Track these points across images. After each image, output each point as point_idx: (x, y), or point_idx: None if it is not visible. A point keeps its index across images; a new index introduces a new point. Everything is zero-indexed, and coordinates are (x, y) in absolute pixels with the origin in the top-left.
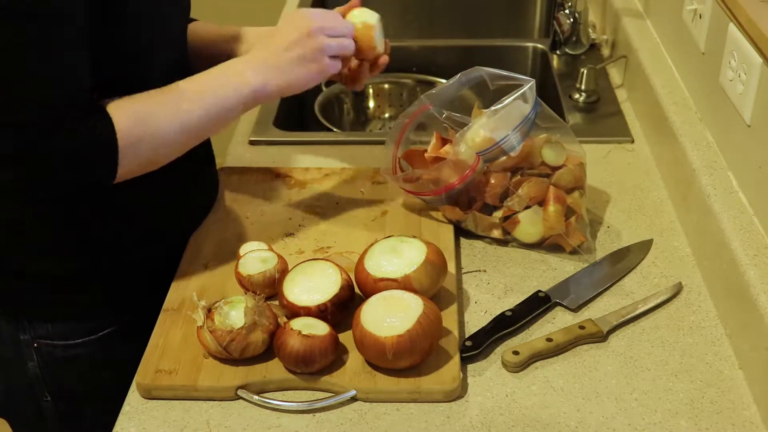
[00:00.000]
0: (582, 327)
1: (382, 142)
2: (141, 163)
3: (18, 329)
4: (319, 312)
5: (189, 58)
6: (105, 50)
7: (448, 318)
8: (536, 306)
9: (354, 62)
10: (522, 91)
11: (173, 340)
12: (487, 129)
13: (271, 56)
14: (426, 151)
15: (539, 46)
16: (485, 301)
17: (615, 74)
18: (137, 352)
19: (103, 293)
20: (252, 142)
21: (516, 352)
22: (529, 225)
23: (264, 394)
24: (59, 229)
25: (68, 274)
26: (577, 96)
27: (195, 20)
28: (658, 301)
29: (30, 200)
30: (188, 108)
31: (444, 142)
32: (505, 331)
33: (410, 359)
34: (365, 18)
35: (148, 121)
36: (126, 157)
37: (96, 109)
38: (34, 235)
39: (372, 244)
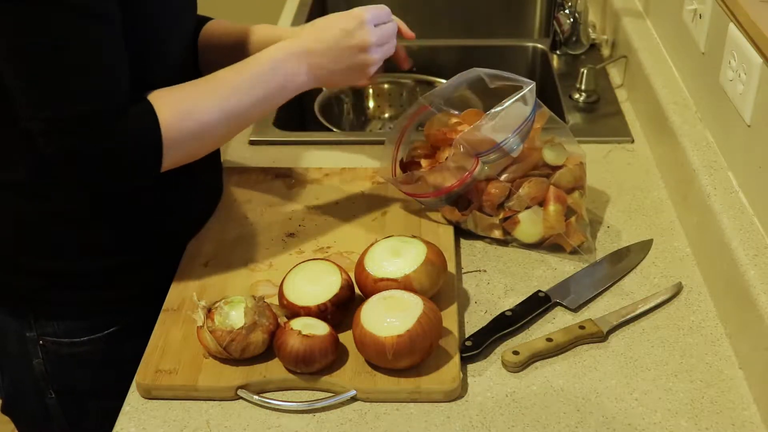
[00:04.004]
0: (582, 327)
1: (382, 142)
2: (186, 154)
3: (23, 327)
4: (319, 312)
5: (197, 56)
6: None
7: (448, 318)
8: (536, 306)
9: None
10: (522, 93)
11: (173, 340)
12: (486, 131)
13: (320, 56)
14: (420, 163)
15: (539, 46)
16: (485, 301)
17: (615, 74)
18: (142, 350)
19: (108, 292)
20: (252, 142)
21: (516, 352)
22: (529, 225)
23: (264, 394)
24: (64, 228)
25: (73, 272)
26: (577, 96)
27: (210, 18)
28: (658, 301)
29: (36, 199)
30: (232, 100)
31: (432, 148)
32: (505, 331)
33: (410, 359)
34: None
35: (192, 112)
36: (171, 149)
37: (138, 103)
38: (40, 233)
39: (372, 244)
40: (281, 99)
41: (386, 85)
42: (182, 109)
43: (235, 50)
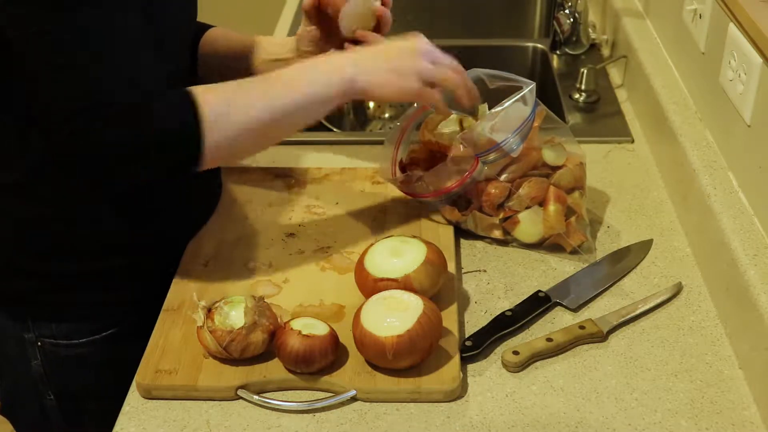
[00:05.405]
0: (582, 327)
1: (382, 142)
2: (228, 146)
3: (22, 328)
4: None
5: (195, 69)
6: None
7: (448, 318)
8: (536, 306)
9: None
10: (522, 93)
11: (173, 340)
12: (486, 131)
13: (368, 56)
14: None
15: (539, 46)
16: (485, 301)
17: (615, 74)
18: (141, 352)
19: (108, 293)
20: None
21: (516, 352)
22: (530, 225)
23: (264, 394)
24: (63, 229)
25: (72, 274)
26: (577, 96)
27: (212, 26)
28: (658, 301)
29: (36, 200)
30: (277, 93)
31: (431, 152)
32: (505, 331)
33: (410, 359)
34: None
35: (233, 100)
36: (211, 135)
37: (179, 91)
38: (39, 235)
39: (372, 244)
40: (326, 95)
41: None
42: (223, 96)
43: (236, 58)
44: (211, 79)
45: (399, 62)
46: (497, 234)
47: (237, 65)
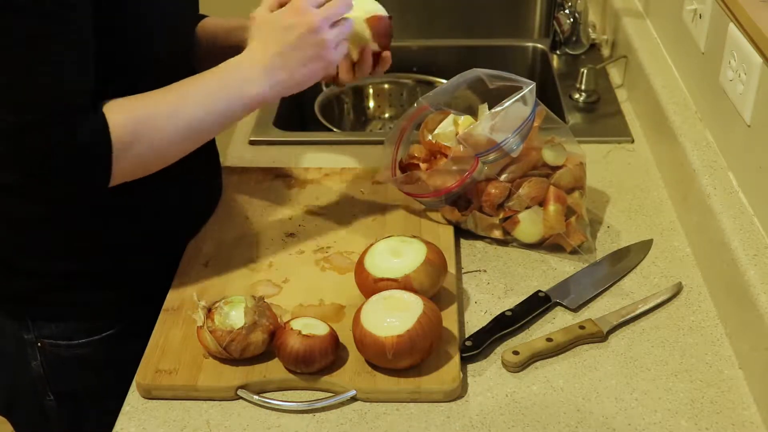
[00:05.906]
0: (582, 327)
1: (382, 142)
2: (137, 165)
3: (21, 328)
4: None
5: (194, 55)
6: (104, 38)
7: (448, 318)
8: (536, 306)
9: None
10: (522, 93)
11: (173, 340)
12: (486, 131)
13: (272, 58)
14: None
15: (539, 46)
16: (485, 301)
17: (615, 74)
18: (140, 352)
19: (107, 293)
20: (252, 142)
21: (516, 352)
22: (530, 225)
23: (264, 394)
24: (62, 229)
25: (71, 274)
26: (577, 96)
27: (205, 16)
28: (658, 301)
29: (34, 200)
30: (189, 111)
31: (431, 152)
32: (505, 331)
33: (410, 359)
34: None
35: (144, 121)
36: (121, 158)
37: (91, 110)
38: (38, 235)
39: (372, 244)
40: (238, 110)
41: (386, 85)
42: (134, 117)
43: (227, 45)
44: (204, 66)
45: (303, 50)
46: (497, 234)
47: (228, 48)
